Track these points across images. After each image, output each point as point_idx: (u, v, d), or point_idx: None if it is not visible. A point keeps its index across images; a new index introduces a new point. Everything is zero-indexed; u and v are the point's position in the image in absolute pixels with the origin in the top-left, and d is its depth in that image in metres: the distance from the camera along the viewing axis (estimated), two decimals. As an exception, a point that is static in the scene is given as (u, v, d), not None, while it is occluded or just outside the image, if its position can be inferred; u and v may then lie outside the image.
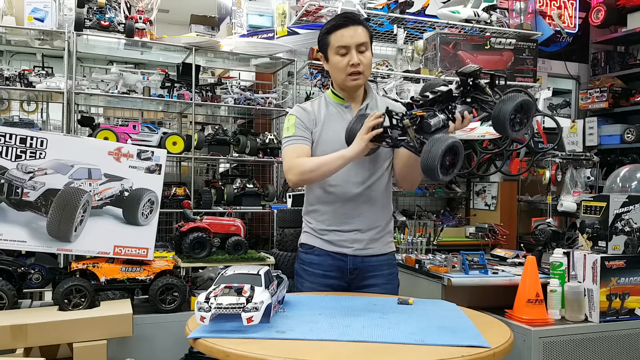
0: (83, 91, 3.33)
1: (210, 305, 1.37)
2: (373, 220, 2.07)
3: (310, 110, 2.10)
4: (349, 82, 2.03)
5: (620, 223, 2.37)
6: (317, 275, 2.08)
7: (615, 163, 4.88)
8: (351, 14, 2.07)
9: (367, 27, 2.04)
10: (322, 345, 1.35)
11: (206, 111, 4.26)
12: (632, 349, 2.32)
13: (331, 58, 2.04)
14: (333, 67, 2.05)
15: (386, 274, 2.12)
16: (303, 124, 2.07)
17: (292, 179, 2.01)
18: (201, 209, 3.37)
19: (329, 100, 2.12)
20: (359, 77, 2.02)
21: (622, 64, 5.33)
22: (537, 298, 2.22)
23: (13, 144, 2.22)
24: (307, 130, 2.07)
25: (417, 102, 1.73)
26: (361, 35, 1.99)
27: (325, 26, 2.07)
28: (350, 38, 1.98)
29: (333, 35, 2.01)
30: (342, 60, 2.00)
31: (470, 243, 3.94)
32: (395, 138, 1.74)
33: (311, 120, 2.08)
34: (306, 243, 2.15)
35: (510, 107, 1.65)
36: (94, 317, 2.16)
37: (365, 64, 2.01)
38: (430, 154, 1.55)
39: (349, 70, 2.00)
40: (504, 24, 4.15)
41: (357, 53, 1.99)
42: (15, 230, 2.23)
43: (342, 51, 2.00)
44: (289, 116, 2.12)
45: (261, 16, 3.93)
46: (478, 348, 1.33)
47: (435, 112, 1.71)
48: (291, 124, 2.08)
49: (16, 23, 3.19)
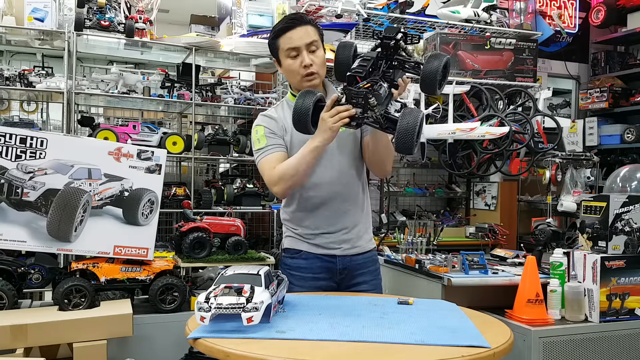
0: (83, 91, 3.33)
1: (210, 305, 1.37)
2: (357, 217, 2.08)
3: (277, 117, 2.06)
4: (304, 83, 1.99)
5: (620, 223, 2.37)
6: (306, 279, 2.06)
7: (615, 163, 4.88)
8: (297, 15, 2.05)
9: (316, 26, 2.02)
10: (322, 345, 1.35)
11: (206, 111, 4.25)
12: (632, 349, 2.32)
13: (283, 61, 2.01)
14: (286, 71, 2.02)
15: (372, 270, 2.14)
16: (272, 132, 2.02)
17: (278, 192, 1.97)
18: (201, 209, 3.37)
19: (290, 103, 2.05)
20: (314, 77, 1.98)
21: (622, 64, 5.33)
22: (537, 298, 2.22)
23: (13, 144, 2.22)
24: (278, 137, 2.02)
25: (359, 74, 1.67)
26: (310, 35, 1.96)
27: (272, 30, 2.05)
28: (299, 39, 1.95)
29: (282, 39, 1.98)
30: (294, 63, 1.97)
31: (470, 243, 3.94)
32: (358, 117, 1.70)
33: (280, 127, 2.04)
34: (291, 248, 2.12)
35: (440, 65, 1.65)
36: (94, 317, 2.16)
37: (318, 63, 1.98)
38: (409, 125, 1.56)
39: (303, 71, 1.97)
40: (504, 24, 4.15)
41: (307, 53, 1.96)
42: (15, 230, 2.23)
43: (292, 53, 1.97)
44: (256, 127, 2.05)
45: (261, 16, 3.93)
46: (478, 348, 1.33)
47: (379, 81, 1.67)
48: (260, 135, 2.02)
49: (16, 23, 3.19)
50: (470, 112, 3.91)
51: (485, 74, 3.91)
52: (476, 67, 3.88)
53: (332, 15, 3.71)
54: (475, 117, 3.86)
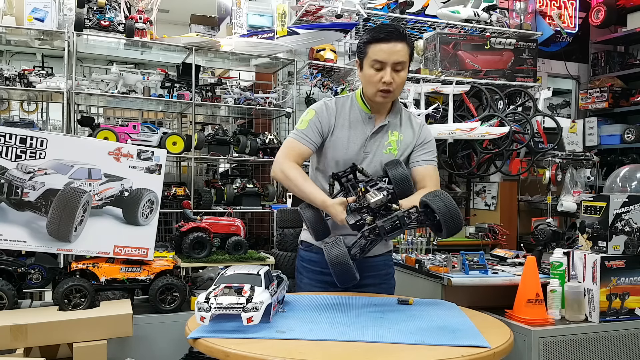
0: (83, 91, 3.33)
1: (210, 305, 1.37)
2: None
3: (334, 109, 2.06)
4: (377, 97, 1.98)
5: (620, 223, 2.37)
6: (315, 272, 2.10)
7: (615, 163, 4.88)
8: (397, 28, 1.95)
9: (410, 45, 1.96)
10: (322, 345, 1.35)
11: (206, 111, 4.26)
12: (632, 349, 2.32)
13: (365, 69, 1.98)
14: (365, 79, 2.00)
15: (382, 274, 2.13)
16: (318, 124, 2.03)
17: (275, 177, 2.03)
18: (201, 209, 3.37)
19: (355, 103, 2.08)
20: (388, 95, 1.97)
21: (622, 64, 5.33)
22: (537, 298, 2.22)
23: (13, 144, 2.22)
24: (317, 133, 2.03)
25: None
26: (400, 54, 1.91)
27: (367, 33, 1.99)
28: (389, 55, 1.91)
29: (372, 47, 1.93)
30: (375, 75, 1.94)
31: (470, 243, 3.94)
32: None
33: (330, 116, 2.04)
34: (305, 240, 2.17)
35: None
36: (94, 317, 2.16)
37: (398, 83, 1.96)
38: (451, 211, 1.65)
39: (380, 86, 1.94)
40: (504, 24, 4.15)
41: (391, 71, 1.92)
42: (15, 230, 2.23)
43: (377, 65, 1.93)
44: (310, 110, 2.08)
45: (261, 16, 3.93)
46: (478, 348, 1.33)
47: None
48: (307, 119, 2.04)
49: (16, 23, 3.19)
50: (470, 112, 3.91)
51: (485, 74, 3.92)
52: (476, 67, 3.89)
53: (332, 15, 3.72)
54: (475, 117, 3.86)
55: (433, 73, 3.80)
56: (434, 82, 3.77)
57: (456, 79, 3.80)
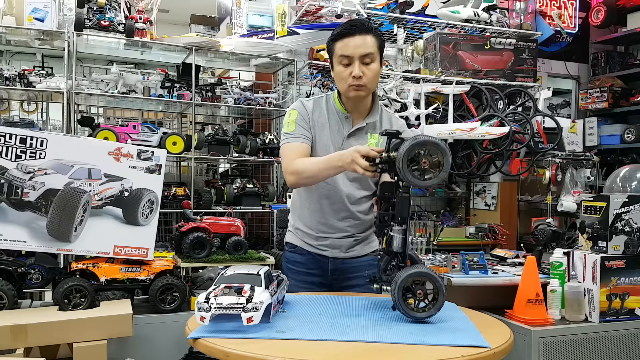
0: (83, 91, 3.33)
1: (210, 305, 1.37)
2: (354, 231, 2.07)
3: (311, 108, 2.05)
4: (350, 92, 1.95)
5: (620, 223, 2.37)
6: (300, 273, 2.09)
7: (615, 163, 4.87)
8: (361, 21, 1.96)
9: (378, 36, 1.94)
10: (322, 345, 1.35)
11: (206, 111, 4.25)
12: (632, 349, 2.32)
13: (335, 67, 1.97)
14: (336, 76, 1.99)
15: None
16: (304, 121, 2.01)
17: (290, 180, 1.97)
18: (201, 209, 3.37)
19: (331, 104, 2.06)
20: (361, 89, 1.94)
21: (622, 64, 5.33)
22: (537, 298, 2.22)
23: (13, 144, 2.22)
24: (307, 128, 2.01)
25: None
26: (367, 46, 1.89)
27: (333, 32, 1.98)
28: (354, 48, 1.89)
29: (338, 43, 1.92)
30: (344, 71, 1.93)
31: (470, 243, 3.94)
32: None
33: (310, 113, 2.03)
34: (290, 242, 2.16)
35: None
36: (94, 317, 2.16)
37: (370, 76, 1.92)
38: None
39: (351, 81, 1.92)
40: (504, 24, 4.15)
41: (360, 64, 1.90)
42: (15, 230, 2.23)
43: (344, 61, 1.92)
44: (291, 111, 2.05)
45: (261, 16, 3.93)
46: (478, 348, 1.33)
47: None
48: (292, 120, 2.01)
49: (16, 23, 3.19)
50: (470, 112, 3.91)
51: (485, 74, 3.91)
52: (476, 67, 3.88)
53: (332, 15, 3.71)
54: (475, 117, 3.86)
55: (433, 73, 3.80)
56: (434, 82, 3.77)
57: (456, 79, 3.79)
